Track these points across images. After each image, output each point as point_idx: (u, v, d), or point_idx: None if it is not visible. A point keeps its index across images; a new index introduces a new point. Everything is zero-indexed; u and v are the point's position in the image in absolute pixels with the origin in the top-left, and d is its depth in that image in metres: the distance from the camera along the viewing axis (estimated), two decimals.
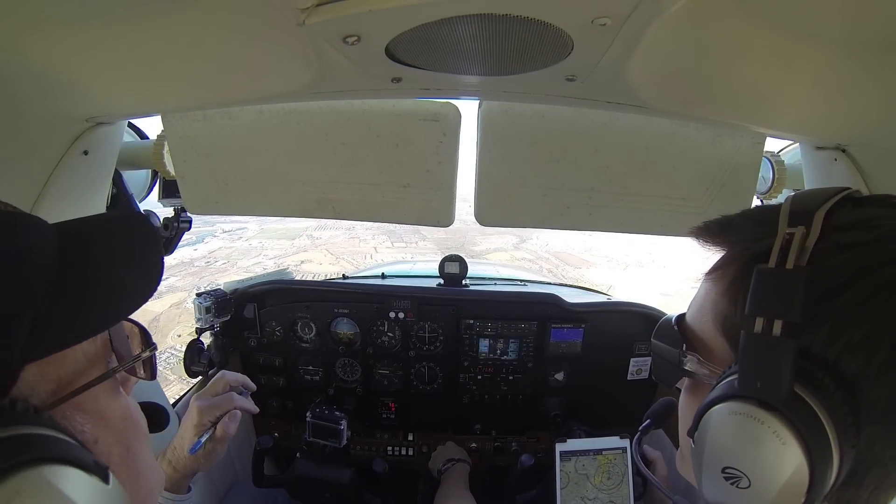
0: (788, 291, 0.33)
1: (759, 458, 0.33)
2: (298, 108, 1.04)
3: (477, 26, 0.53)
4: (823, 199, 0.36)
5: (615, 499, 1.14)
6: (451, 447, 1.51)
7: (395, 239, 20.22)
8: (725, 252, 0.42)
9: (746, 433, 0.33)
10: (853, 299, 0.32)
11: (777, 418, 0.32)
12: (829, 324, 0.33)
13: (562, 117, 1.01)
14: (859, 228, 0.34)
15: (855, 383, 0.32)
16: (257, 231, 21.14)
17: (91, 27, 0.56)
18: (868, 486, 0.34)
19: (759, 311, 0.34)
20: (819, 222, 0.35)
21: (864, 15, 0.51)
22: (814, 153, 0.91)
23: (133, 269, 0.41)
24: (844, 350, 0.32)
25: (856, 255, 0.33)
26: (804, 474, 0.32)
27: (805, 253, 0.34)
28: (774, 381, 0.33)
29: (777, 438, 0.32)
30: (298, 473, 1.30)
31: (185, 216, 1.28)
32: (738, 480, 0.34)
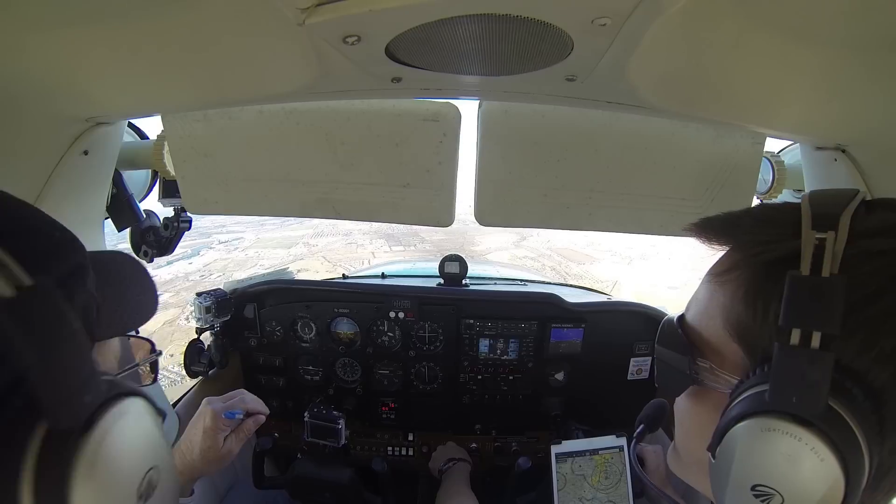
0: (827, 301, 0.32)
1: (795, 475, 0.32)
2: (298, 108, 1.04)
3: (477, 26, 0.53)
4: (845, 203, 0.35)
5: (614, 498, 1.14)
6: (451, 447, 1.51)
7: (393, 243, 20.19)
8: (732, 252, 0.41)
9: (782, 450, 0.32)
10: (886, 308, 0.32)
11: (815, 434, 0.31)
12: (861, 334, 0.32)
13: (562, 117, 1.01)
14: (885, 235, 0.33)
15: (883, 393, 0.32)
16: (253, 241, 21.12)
17: (91, 27, 0.56)
18: (883, 489, 0.34)
19: (796, 322, 0.32)
20: (846, 227, 0.33)
21: (864, 14, 0.51)
22: (814, 153, 0.91)
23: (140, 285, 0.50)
24: (875, 360, 0.32)
25: (886, 263, 0.32)
26: (840, 489, 0.31)
27: (837, 259, 0.32)
28: (812, 396, 0.31)
29: (815, 455, 0.31)
30: (298, 474, 1.30)
31: (185, 216, 1.28)
32: (770, 498, 0.33)
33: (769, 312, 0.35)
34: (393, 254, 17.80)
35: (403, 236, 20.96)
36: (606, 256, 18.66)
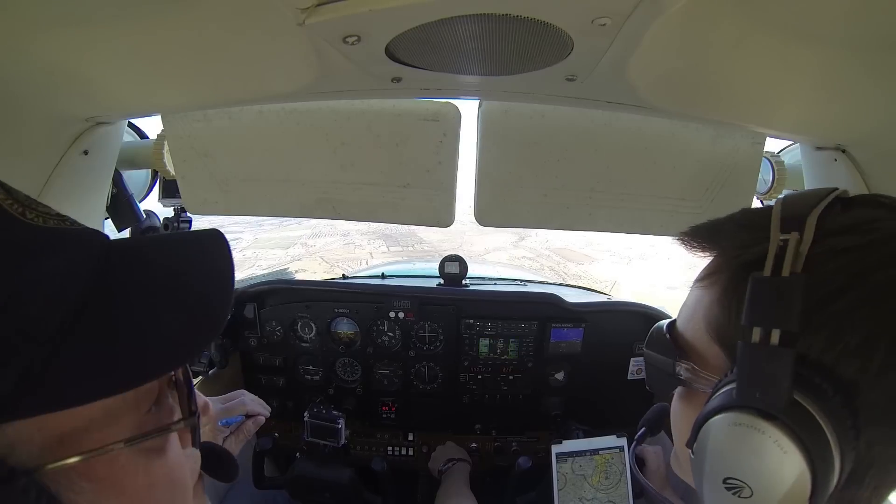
0: (785, 300, 0.33)
1: (761, 468, 0.33)
2: (298, 108, 1.04)
3: (477, 26, 0.53)
4: (815, 203, 0.36)
5: (614, 498, 1.14)
6: (451, 447, 1.51)
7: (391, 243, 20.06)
8: (715, 258, 0.42)
9: (747, 444, 0.33)
10: (849, 304, 0.32)
11: (777, 427, 0.32)
12: (826, 329, 0.33)
13: (562, 117, 1.01)
14: (852, 232, 0.34)
15: (853, 387, 0.32)
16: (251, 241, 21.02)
17: (91, 27, 0.56)
18: (868, 485, 0.35)
19: (756, 321, 0.34)
20: (812, 227, 0.35)
21: (864, 14, 0.51)
22: (814, 153, 0.91)
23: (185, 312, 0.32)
24: (842, 355, 0.32)
25: (850, 260, 0.33)
26: (806, 481, 0.32)
27: (800, 259, 0.34)
28: (774, 391, 0.33)
29: (778, 448, 0.32)
30: (298, 474, 1.30)
31: (185, 216, 1.28)
32: (741, 490, 0.34)
33: (740, 313, 0.36)
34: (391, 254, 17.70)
35: (401, 237, 20.86)
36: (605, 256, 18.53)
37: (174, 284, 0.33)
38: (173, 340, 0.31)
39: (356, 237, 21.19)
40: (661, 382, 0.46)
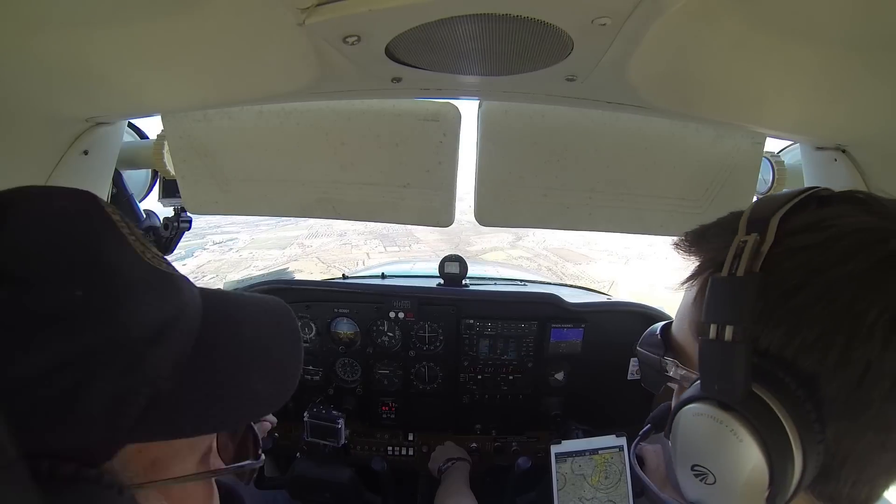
0: (736, 298, 0.35)
1: (721, 455, 0.35)
2: (298, 108, 1.04)
3: (477, 26, 0.53)
4: (780, 204, 0.37)
5: (613, 498, 1.14)
6: (450, 447, 1.51)
7: (388, 243, 19.99)
8: (699, 261, 0.44)
9: (708, 433, 0.36)
10: (805, 300, 0.33)
11: (734, 417, 0.34)
12: (785, 325, 0.34)
13: (562, 117, 1.01)
14: (811, 231, 0.35)
15: (813, 380, 0.33)
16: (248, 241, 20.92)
17: (91, 27, 0.56)
18: (846, 479, 0.35)
19: (712, 318, 0.36)
20: (774, 228, 0.36)
21: (864, 14, 0.51)
22: (814, 153, 0.91)
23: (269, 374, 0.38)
24: (800, 349, 0.33)
25: (807, 258, 0.34)
26: (764, 469, 0.33)
27: (759, 259, 0.35)
28: (730, 383, 0.35)
29: (734, 436, 0.34)
30: (298, 474, 1.30)
31: (185, 216, 1.28)
32: (706, 477, 0.37)
33: None
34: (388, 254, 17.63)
35: (398, 237, 20.79)
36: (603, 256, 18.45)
37: (259, 348, 0.38)
38: (259, 397, 0.37)
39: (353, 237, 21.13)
40: (651, 378, 0.49)
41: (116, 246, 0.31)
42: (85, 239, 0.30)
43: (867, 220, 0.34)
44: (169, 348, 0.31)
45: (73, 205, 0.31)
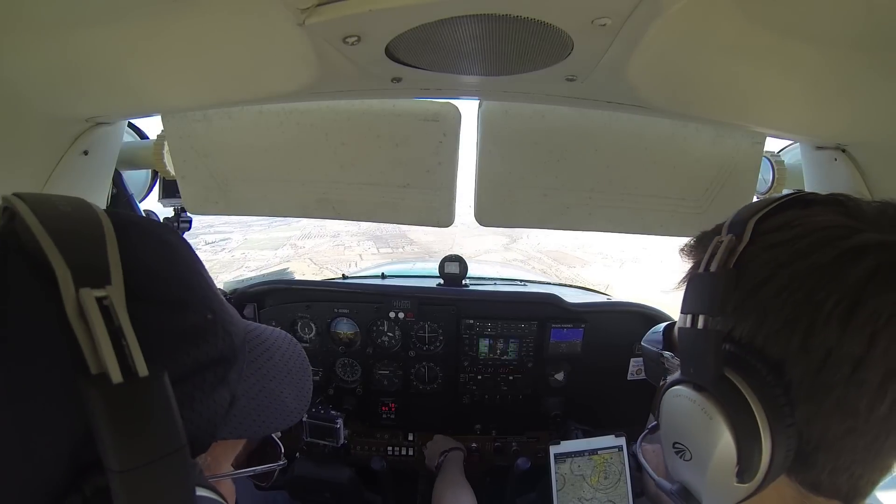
0: (708, 290, 0.38)
1: (695, 433, 0.39)
2: (298, 108, 1.04)
3: (477, 26, 0.53)
4: (760, 208, 0.40)
5: (613, 498, 1.14)
6: (440, 440, 1.50)
7: (381, 244, 19.90)
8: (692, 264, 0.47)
9: (684, 412, 0.39)
10: (771, 291, 0.36)
11: (705, 397, 0.38)
12: (753, 315, 0.37)
13: (562, 117, 1.01)
14: (781, 230, 0.38)
15: (780, 366, 0.36)
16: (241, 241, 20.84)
17: (91, 27, 0.56)
18: (822, 466, 0.37)
19: (688, 309, 0.40)
20: (750, 229, 0.39)
21: (863, 14, 0.51)
22: (814, 153, 0.91)
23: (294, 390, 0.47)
24: (767, 337, 0.36)
25: (776, 254, 0.37)
26: (731, 446, 0.36)
27: (733, 256, 0.38)
28: (703, 367, 0.38)
29: (705, 414, 0.37)
30: (298, 474, 1.30)
31: (185, 216, 1.28)
32: (684, 454, 0.40)
33: None
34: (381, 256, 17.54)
35: (391, 238, 20.69)
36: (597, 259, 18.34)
37: (286, 369, 0.46)
38: (289, 409, 0.45)
39: (346, 238, 21.05)
40: (652, 371, 0.54)
41: (208, 273, 0.39)
42: (199, 268, 0.38)
43: (835, 220, 0.37)
44: (241, 362, 0.39)
45: (175, 236, 0.38)
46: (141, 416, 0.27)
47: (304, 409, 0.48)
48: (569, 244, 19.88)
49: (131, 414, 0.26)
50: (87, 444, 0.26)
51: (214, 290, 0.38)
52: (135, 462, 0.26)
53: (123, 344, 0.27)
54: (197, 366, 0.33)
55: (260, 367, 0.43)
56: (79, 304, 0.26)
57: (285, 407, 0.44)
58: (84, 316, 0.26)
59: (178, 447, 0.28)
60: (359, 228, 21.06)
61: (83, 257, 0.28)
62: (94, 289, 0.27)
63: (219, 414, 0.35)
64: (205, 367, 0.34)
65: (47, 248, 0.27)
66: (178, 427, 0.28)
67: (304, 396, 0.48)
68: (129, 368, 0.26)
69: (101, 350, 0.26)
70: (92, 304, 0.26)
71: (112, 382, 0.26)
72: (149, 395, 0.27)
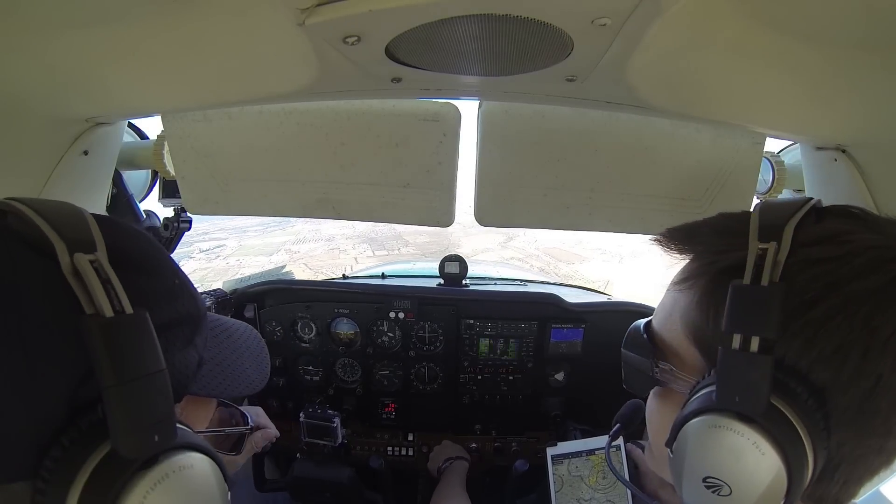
0: (765, 308, 0.34)
1: (740, 468, 0.34)
2: (298, 108, 1.04)
3: (477, 26, 0.53)
4: (791, 213, 0.37)
5: (612, 497, 1.14)
6: (447, 445, 1.50)
7: (376, 247, 19.75)
8: (692, 261, 0.43)
9: (726, 445, 0.35)
10: (824, 313, 0.33)
11: (755, 430, 0.34)
12: (801, 337, 0.34)
13: (562, 117, 1.01)
14: (827, 243, 0.35)
15: (826, 392, 0.34)
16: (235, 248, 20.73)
17: (91, 28, 0.56)
18: (838, 481, 0.36)
19: (736, 328, 0.35)
20: (789, 237, 0.35)
21: (863, 14, 0.51)
22: (814, 153, 0.91)
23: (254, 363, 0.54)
24: (816, 361, 0.34)
25: (825, 271, 0.34)
26: (782, 480, 0.33)
27: (777, 268, 0.35)
28: (752, 396, 0.34)
29: (756, 449, 0.33)
30: (298, 475, 1.30)
31: (185, 216, 1.28)
32: (720, 489, 0.35)
33: (719, 318, 0.37)
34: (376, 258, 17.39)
35: (387, 240, 20.55)
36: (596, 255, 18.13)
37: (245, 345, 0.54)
38: (250, 378, 0.53)
39: (341, 241, 20.91)
40: (639, 382, 0.48)
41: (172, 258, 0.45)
42: (163, 250, 0.44)
43: (876, 239, 0.35)
44: (205, 331, 0.45)
45: (142, 230, 0.45)
46: (129, 341, 0.32)
47: (264, 379, 0.55)
48: (566, 241, 19.71)
49: (122, 340, 0.32)
50: (84, 385, 0.32)
51: (178, 267, 0.44)
52: (126, 377, 0.31)
53: (112, 291, 0.32)
54: (170, 320, 0.39)
55: (222, 341, 0.51)
56: (73, 265, 0.32)
57: (247, 376, 0.52)
58: (78, 273, 0.32)
59: (159, 369, 0.33)
60: (354, 231, 20.95)
61: (73, 233, 0.33)
62: (85, 254, 0.33)
63: (189, 370, 0.42)
64: (176, 324, 0.40)
65: (44, 228, 0.32)
66: (160, 354, 0.34)
67: (263, 369, 0.55)
68: (118, 309, 0.32)
69: (95, 295, 0.31)
70: (85, 263, 0.32)
71: (105, 316, 0.31)
72: (135, 326, 0.33)
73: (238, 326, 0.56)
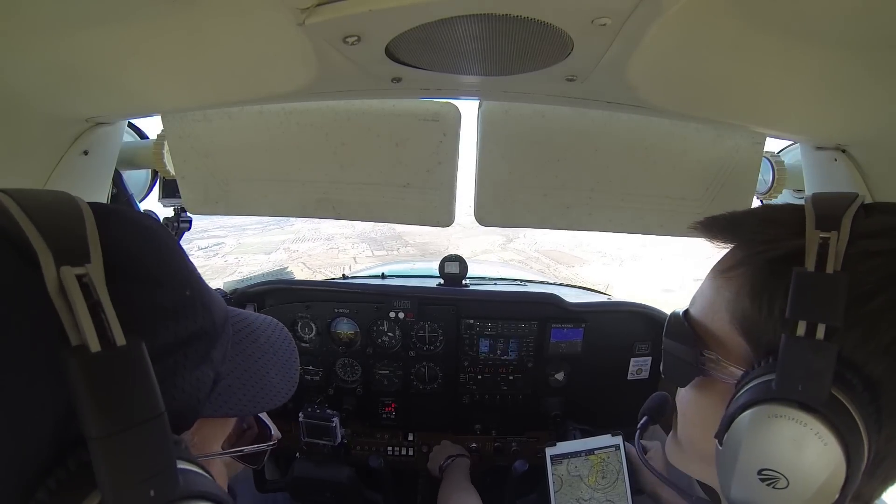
0: (831, 296, 0.33)
1: (800, 459, 0.34)
2: (298, 108, 1.04)
3: (477, 26, 0.53)
4: (845, 204, 0.37)
5: (611, 497, 1.14)
6: (447, 445, 1.51)
7: (375, 247, 19.63)
8: (736, 250, 0.43)
9: (787, 435, 0.34)
10: (882, 305, 0.33)
11: (819, 420, 0.33)
12: (859, 328, 0.34)
13: (562, 117, 1.01)
14: (884, 237, 0.35)
15: (880, 384, 0.33)
16: (234, 246, 20.61)
17: (91, 27, 0.56)
18: (879, 476, 0.36)
19: (801, 315, 0.34)
20: (847, 228, 0.35)
21: (863, 15, 0.51)
22: (814, 153, 0.91)
23: (281, 370, 0.47)
24: (873, 353, 0.33)
25: (882, 262, 0.34)
26: (842, 472, 0.33)
27: (839, 257, 0.34)
28: (816, 385, 0.33)
29: (819, 440, 0.33)
30: (298, 475, 1.30)
31: (185, 216, 1.28)
32: (776, 481, 0.35)
33: (774, 307, 0.37)
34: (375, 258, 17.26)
35: (386, 240, 20.45)
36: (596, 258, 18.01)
37: (272, 350, 0.47)
38: (275, 388, 0.46)
39: (340, 241, 20.79)
40: (681, 372, 0.46)
41: (188, 256, 0.40)
42: (177, 250, 0.38)
43: None
44: (225, 341, 0.40)
45: (155, 223, 0.39)
46: (118, 382, 0.27)
47: (292, 389, 0.48)
48: (566, 243, 19.61)
49: (109, 381, 0.27)
50: (72, 419, 0.27)
51: (193, 270, 0.39)
52: (113, 428, 0.26)
53: (102, 317, 0.27)
54: (177, 341, 0.34)
55: (245, 347, 0.44)
56: (59, 281, 0.27)
57: (272, 387, 0.45)
58: (65, 292, 0.27)
59: (156, 414, 0.28)
60: (353, 231, 20.85)
61: (63, 239, 0.28)
62: (73, 267, 0.28)
63: (202, 391, 0.36)
64: (185, 343, 0.34)
65: (28, 232, 0.28)
66: (157, 395, 0.28)
67: (290, 377, 0.48)
68: (108, 339, 0.27)
69: (80, 322, 0.26)
70: (72, 281, 0.27)
71: (91, 351, 0.26)
72: (126, 364, 0.27)
73: (264, 324, 0.49)
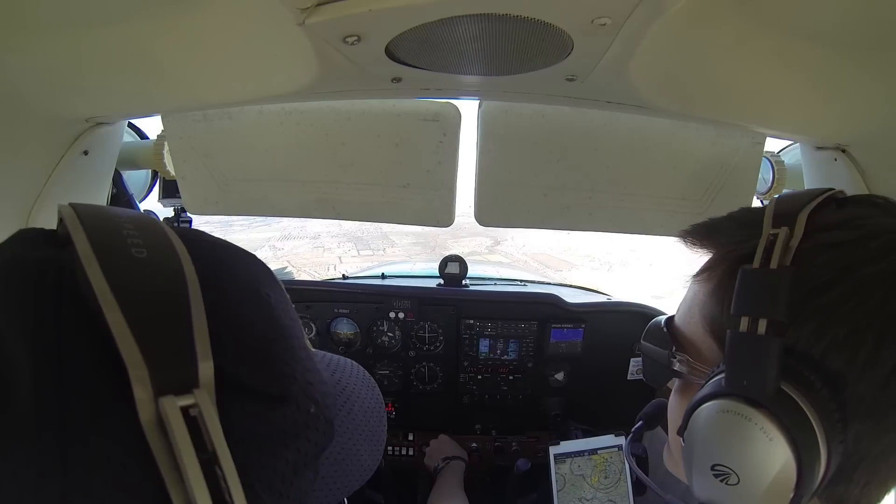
0: (772, 290, 0.33)
1: (748, 454, 0.33)
2: (298, 108, 1.04)
3: (477, 26, 0.53)
4: (807, 200, 0.37)
5: (613, 497, 1.14)
6: (444, 441, 1.49)
7: (361, 246, 19.42)
8: (712, 254, 0.43)
9: (734, 430, 0.34)
10: (837, 297, 0.33)
11: (764, 415, 0.33)
12: (814, 322, 0.33)
13: (562, 117, 1.01)
14: (842, 228, 0.35)
15: (841, 380, 0.32)
16: None
17: (91, 28, 0.56)
18: (858, 481, 0.35)
19: (743, 311, 0.34)
20: (803, 223, 0.35)
21: (863, 14, 0.51)
22: (814, 153, 0.91)
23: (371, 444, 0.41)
24: (829, 347, 0.33)
25: (839, 254, 0.34)
26: (792, 470, 0.32)
27: (789, 253, 0.34)
28: (760, 378, 0.33)
29: (764, 435, 0.32)
30: None
31: (184, 216, 1.28)
32: (728, 477, 0.34)
33: (730, 305, 0.37)
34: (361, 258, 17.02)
35: (373, 240, 20.19)
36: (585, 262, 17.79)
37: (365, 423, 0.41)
38: (364, 466, 0.40)
39: (326, 240, 20.61)
40: (656, 374, 0.47)
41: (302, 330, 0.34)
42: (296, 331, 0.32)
43: (894, 223, 0.34)
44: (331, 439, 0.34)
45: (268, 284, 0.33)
46: None
47: (377, 463, 0.42)
48: (555, 247, 19.44)
49: None
50: None
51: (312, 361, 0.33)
52: None
53: (218, 473, 0.20)
54: (291, 466, 0.28)
55: (340, 423, 0.37)
56: (158, 414, 0.20)
57: (361, 465, 0.39)
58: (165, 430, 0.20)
59: None
60: (340, 230, 20.59)
61: (165, 346, 0.21)
62: (178, 396, 0.20)
63: (304, 493, 0.30)
64: (298, 465, 0.28)
65: (117, 331, 0.20)
66: None
67: (378, 450, 0.42)
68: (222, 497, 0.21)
69: (189, 483, 0.20)
70: (177, 419, 0.20)
71: None
72: None
73: (357, 388, 0.42)
